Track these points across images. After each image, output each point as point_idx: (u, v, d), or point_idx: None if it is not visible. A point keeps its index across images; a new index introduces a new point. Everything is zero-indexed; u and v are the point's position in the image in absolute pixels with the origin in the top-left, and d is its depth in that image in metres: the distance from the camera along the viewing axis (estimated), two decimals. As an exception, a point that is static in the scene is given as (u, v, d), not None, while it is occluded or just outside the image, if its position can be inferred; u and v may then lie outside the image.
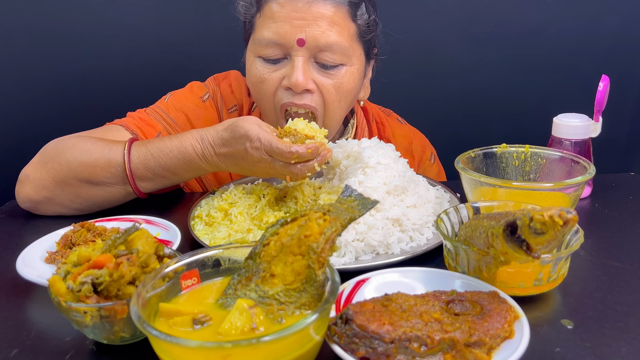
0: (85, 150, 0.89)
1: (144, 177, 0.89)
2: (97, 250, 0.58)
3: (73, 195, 0.90)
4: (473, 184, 0.81)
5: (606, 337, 0.58)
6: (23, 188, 0.91)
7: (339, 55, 0.93)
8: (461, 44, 1.61)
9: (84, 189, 0.90)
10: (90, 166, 0.88)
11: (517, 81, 1.65)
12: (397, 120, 1.24)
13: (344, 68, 0.95)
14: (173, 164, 0.88)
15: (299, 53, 0.92)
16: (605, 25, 1.60)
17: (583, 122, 0.93)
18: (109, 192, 0.90)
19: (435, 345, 0.50)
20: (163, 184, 0.92)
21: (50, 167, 0.90)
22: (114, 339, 0.57)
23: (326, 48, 0.92)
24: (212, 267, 0.59)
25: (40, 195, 0.91)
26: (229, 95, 1.12)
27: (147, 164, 0.88)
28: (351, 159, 0.89)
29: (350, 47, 0.95)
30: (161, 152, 0.88)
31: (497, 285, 0.61)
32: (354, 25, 0.96)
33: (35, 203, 0.92)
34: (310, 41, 0.90)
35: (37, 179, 0.90)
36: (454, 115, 1.68)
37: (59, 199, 0.91)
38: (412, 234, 0.78)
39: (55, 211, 0.93)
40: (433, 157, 1.25)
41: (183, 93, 1.10)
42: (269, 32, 0.92)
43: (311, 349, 0.49)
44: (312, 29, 0.90)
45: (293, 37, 0.90)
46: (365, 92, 1.10)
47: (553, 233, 0.52)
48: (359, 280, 0.64)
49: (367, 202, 0.61)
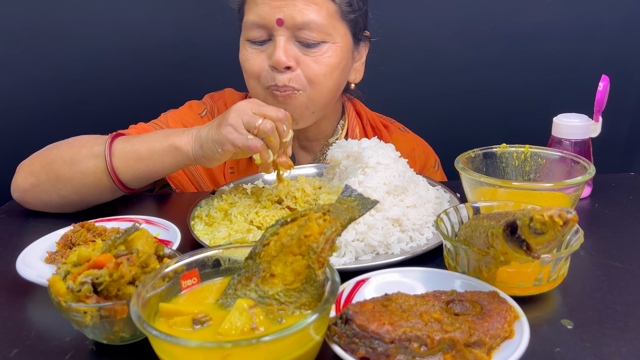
0: (77, 138, 0.94)
1: (122, 154, 0.89)
2: (97, 250, 0.58)
3: (54, 178, 0.90)
4: (473, 184, 0.81)
5: (606, 337, 0.58)
6: (15, 178, 0.94)
7: (317, 33, 0.98)
8: (461, 44, 1.61)
9: (65, 169, 0.90)
10: (76, 146, 0.91)
11: (517, 81, 1.65)
12: (399, 130, 1.25)
13: (325, 45, 1.00)
14: (151, 138, 0.89)
15: (280, 33, 0.97)
16: (605, 25, 1.60)
17: (583, 122, 0.93)
18: (85, 172, 0.89)
19: (435, 345, 0.50)
20: (137, 167, 0.89)
21: (41, 155, 0.94)
22: (114, 339, 0.57)
23: (304, 26, 0.97)
24: (212, 267, 0.59)
25: (27, 182, 0.92)
26: (224, 110, 1.14)
27: (128, 140, 0.90)
28: (351, 159, 0.90)
29: (330, 24, 0.99)
30: (146, 134, 0.91)
31: (497, 285, 0.61)
32: (332, 4, 1.00)
33: (23, 191, 0.93)
34: (288, 20, 0.96)
35: (27, 166, 0.94)
36: (453, 115, 1.68)
37: (43, 185, 0.91)
38: (412, 234, 0.78)
39: (41, 200, 0.93)
40: (437, 164, 1.26)
41: (182, 110, 1.15)
42: (252, 15, 0.99)
43: (311, 349, 0.49)
44: (290, 8, 0.96)
45: (273, 17, 0.96)
46: (357, 75, 1.13)
47: (553, 233, 0.52)
48: (359, 280, 0.64)
49: (367, 202, 0.61)
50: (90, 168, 0.89)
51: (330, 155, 0.94)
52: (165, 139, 0.88)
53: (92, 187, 0.91)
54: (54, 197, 0.92)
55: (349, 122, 1.17)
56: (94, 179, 0.90)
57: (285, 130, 0.84)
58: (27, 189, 0.93)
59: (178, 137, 0.88)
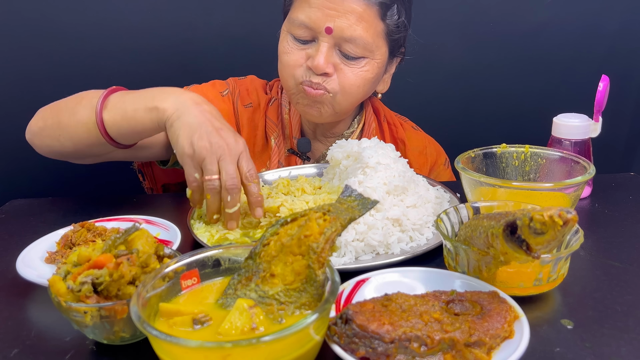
0: (91, 91, 0.94)
1: (112, 107, 0.87)
2: (97, 250, 0.58)
3: (56, 124, 0.92)
4: (473, 184, 0.81)
5: (606, 337, 0.58)
6: (31, 120, 0.97)
7: (361, 49, 0.99)
8: (460, 44, 1.61)
9: (65, 116, 0.91)
10: (80, 96, 0.93)
11: (517, 81, 1.65)
12: (412, 128, 1.28)
13: (364, 60, 1.01)
14: (142, 96, 0.87)
15: (325, 39, 0.98)
16: (605, 25, 1.60)
17: (583, 122, 0.93)
18: (80, 121, 0.89)
19: (435, 345, 0.51)
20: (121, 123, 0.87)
21: (56, 102, 0.96)
22: (114, 339, 0.57)
23: (350, 40, 0.98)
24: (212, 267, 0.59)
25: (37, 125, 0.96)
26: (245, 94, 1.17)
27: (124, 95, 0.89)
28: (351, 159, 0.90)
29: (374, 43, 1.00)
30: (145, 90, 0.90)
31: (497, 285, 0.61)
32: (382, 24, 1.01)
33: (33, 134, 0.97)
34: (337, 31, 0.97)
35: (42, 111, 0.97)
36: (453, 115, 1.68)
37: (48, 130, 0.94)
38: (412, 234, 0.78)
39: (46, 145, 0.96)
40: (447, 163, 1.28)
41: (205, 86, 1.16)
42: (302, 15, 0.99)
43: (311, 349, 0.49)
44: (341, 20, 0.96)
45: (323, 23, 0.97)
46: (384, 86, 1.15)
47: (553, 233, 0.52)
48: (359, 280, 0.64)
49: (367, 202, 0.61)
50: (84, 118, 0.89)
51: (330, 155, 0.94)
52: (152, 99, 0.85)
53: (85, 138, 0.90)
54: (55, 143, 0.94)
55: (367, 117, 1.19)
56: (86, 129, 0.89)
57: (229, 201, 0.78)
58: (35, 132, 0.96)
59: (163, 98, 0.84)
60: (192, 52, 1.53)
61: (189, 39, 1.51)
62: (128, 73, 1.51)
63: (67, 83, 1.49)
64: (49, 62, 1.46)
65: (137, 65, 1.51)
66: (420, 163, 1.21)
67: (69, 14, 1.44)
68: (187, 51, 1.52)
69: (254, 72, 1.25)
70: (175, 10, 1.49)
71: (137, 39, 1.49)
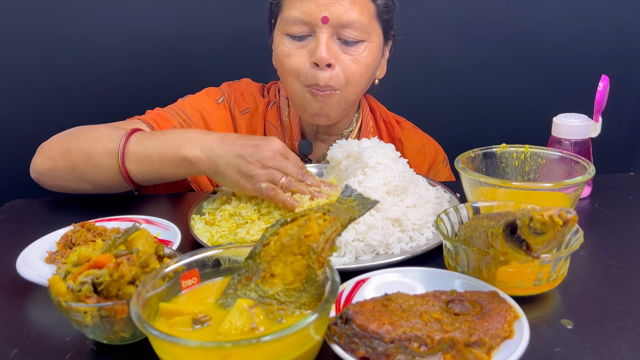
0: (96, 128, 0.95)
1: (135, 157, 0.89)
2: (97, 250, 0.58)
3: (70, 167, 0.93)
4: (473, 184, 0.81)
5: (606, 337, 0.58)
6: (34, 158, 0.97)
7: (359, 32, 1.00)
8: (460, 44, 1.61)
9: (80, 161, 0.92)
10: (93, 140, 0.92)
11: (516, 81, 1.65)
12: (411, 127, 1.28)
13: (363, 44, 1.02)
14: (163, 144, 0.89)
15: (323, 30, 0.99)
16: (605, 25, 1.60)
17: (583, 122, 0.93)
18: (99, 168, 0.91)
19: (435, 345, 0.51)
20: (149, 173, 0.90)
21: (61, 141, 0.95)
22: (114, 339, 0.57)
23: (348, 25, 0.99)
24: (212, 267, 0.59)
25: (44, 165, 0.95)
26: (241, 99, 1.16)
27: (142, 140, 0.90)
28: (351, 159, 0.90)
29: (370, 24, 1.02)
30: (161, 134, 0.91)
31: (497, 285, 0.61)
32: (373, 5, 1.03)
33: (40, 174, 0.96)
34: (333, 18, 0.98)
35: (46, 150, 0.96)
36: (453, 115, 1.68)
37: (59, 171, 0.94)
38: (412, 234, 0.78)
39: (57, 184, 0.96)
40: (446, 161, 1.28)
41: (199, 96, 1.15)
42: (296, 11, 1.00)
43: (311, 349, 0.49)
44: (335, 7, 0.98)
45: (318, 14, 0.98)
46: (381, 72, 1.16)
47: (553, 233, 0.52)
48: (359, 280, 0.64)
49: (367, 202, 0.61)
50: (104, 165, 0.91)
51: (330, 155, 0.94)
52: (177, 149, 0.87)
53: (107, 182, 0.93)
54: (69, 184, 0.95)
55: (363, 116, 1.20)
56: (108, 176, 0.92)
57: (310, 183, 0.85)
58: (44, 173, 0.96)
59: (190, 148, 0.87)
60: (192, 52, 1.53)
61: (188, 39, 1.51)
62: (128, 73, 1.51)
63: (67, 83, 1.49)
64: (49, 62, 1.46)
65: (137, 65, 1.51)
66: (419, 161, 1.21)
67: (69, 15, 1.44)
68: (187, 51, 1.52)
69: (254, 72, 1.25)
70: (175, 10, 1.49)
71: (137, 39, 1.49)
